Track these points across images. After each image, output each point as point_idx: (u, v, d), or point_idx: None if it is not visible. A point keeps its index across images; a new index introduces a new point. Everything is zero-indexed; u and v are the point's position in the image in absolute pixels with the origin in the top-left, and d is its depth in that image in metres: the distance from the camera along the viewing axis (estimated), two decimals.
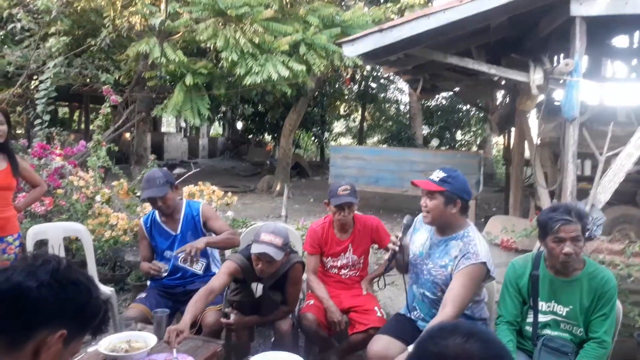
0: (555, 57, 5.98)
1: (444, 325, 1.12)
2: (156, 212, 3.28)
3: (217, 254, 3.45)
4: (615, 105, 6.28)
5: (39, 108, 6.57)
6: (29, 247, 3.63)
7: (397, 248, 2.52)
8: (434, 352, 1.05)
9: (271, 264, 2.76)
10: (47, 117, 6.47)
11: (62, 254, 3.86)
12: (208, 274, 3.28)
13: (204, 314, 2.94)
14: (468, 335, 1.05)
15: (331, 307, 3.11)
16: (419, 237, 2.69)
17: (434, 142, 17.66)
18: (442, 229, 2.56)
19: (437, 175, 2.49)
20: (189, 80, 8.30)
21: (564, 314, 2.41)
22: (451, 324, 1.13)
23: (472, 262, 2.39)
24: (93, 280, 1.27)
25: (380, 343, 2.62)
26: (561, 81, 4.33)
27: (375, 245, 3.45)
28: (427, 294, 2.60)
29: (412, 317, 2.74)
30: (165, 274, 3.12)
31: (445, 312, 2.36)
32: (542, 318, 2.46)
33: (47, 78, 6.83)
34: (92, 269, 3.83)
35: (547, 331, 2.44)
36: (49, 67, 7.02)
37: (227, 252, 3.67)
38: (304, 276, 3.22)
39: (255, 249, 2.71)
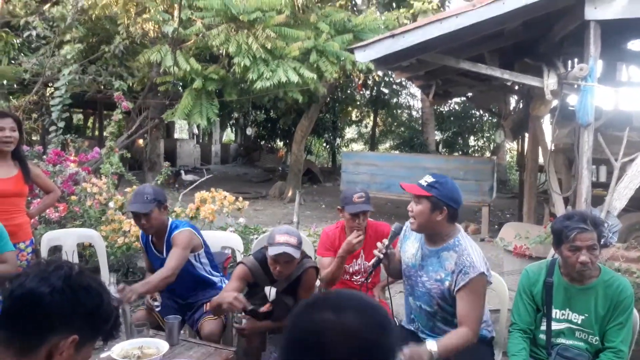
0: (570, 62, 5.94)
1: (316, 298, 1.01)
2: None
3: (208, 264, 3.27)
4: (631, 110, 6.22)
5: (54, 115, 6.65)
6: (43, 253, 3.66)
7: (381, 255, 2.47)
8: (307, 329, 0.95)
9: (289, 265, 2.73)
10: (61, 124, 6.54)
11: (76, 260, 3.89)
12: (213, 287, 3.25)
13: (202, 324, 2.95)
14: (340, 307, 0.95)
15: (344, 246, 2.96)
16: (410, 246, 2.61)
17: (441, 148, 17.58)
18: (432, 238, 2.47)
19: (426, 180, 2.41)
20: (197, 84, 8.36)
21: (579, 322, 2.37)
22: (322, 296, 1.02)
23: (470, 276, 2.30)
24: (105, 286, 1.28)
25: None
26: (575, 86, 4.30)
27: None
28: (424, 307, 2.53)
29: (413, 329, 2.68)
30: (159, 308, 3.01)
31: (463, 331, 2.29)
32: (556, 326, 2.42)
33: (62, 85, 6.92)
34: (105, 275, 3.85)
35: (562, 340, 2.40)
36: (64, 75, 7.11)
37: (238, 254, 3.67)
38: (317, 282, 3.20)
39: (273, 251, 2.69)
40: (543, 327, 2.46)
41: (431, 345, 2.18)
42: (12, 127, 3.10)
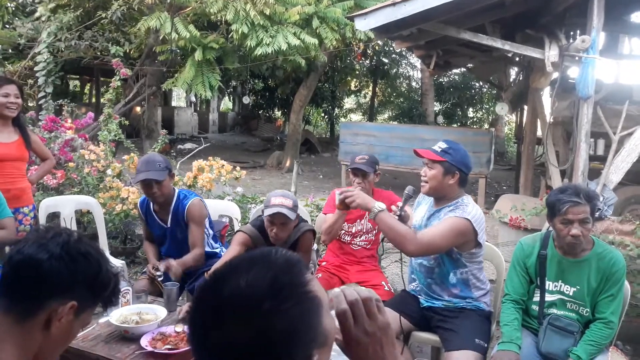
0: (572, 33, 5.87)
1: (208, 281, 0.89)
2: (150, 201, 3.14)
3: (211, 234, 3.33)
4: (631, 83, 6.18)
5: (40, 80, 6.57)
6: (42, 219, 3.68)
7: (396, 217, 2.51)
8: (212, 302, 0.85)
9: (285, 227, 2.77)
10: (49, 90, 6.46)
11: (74, 226, 3.92)
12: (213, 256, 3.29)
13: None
14: (224, 306, 0.83)
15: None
16: (420, 210, 2.74)
17: (439, 119, 17.40)
18: (439, 200, 2.59)
19: (439, 145, 2.52)
20: (198, 55, 8.25)
21: (570, 293, 2.41)
22: (213, 278, 0.89)
23: (455, 215, 2.42)
24: (103, 253, 1.28)
25: None
26: (577, 58, 4.25)
27: None
28: (424, 262, 2.64)
29: (412, 289, 2.78)
30: (160, 279, 2.99)
31: (412, 231, 2.41)
32: (548, 297, 2.46)
33: (43, 50, 6.80)
34: (103, 242, 3.88)
35: (554, 310, 2.44)
36: (43, 39, 6.98)
37: (235, 225, 3.70)
38: (315, 246, 3.23)
39: (268, 211, 2.73)
40: (536, 298, 2.51)
41: (380, 205, 2.34)
42: (17, 93, 3.17)
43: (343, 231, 3.36)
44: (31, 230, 1.33)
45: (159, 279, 3.01)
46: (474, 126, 19.24)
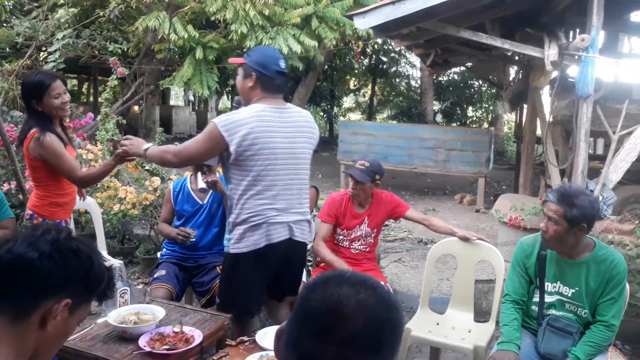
0: (571, 32, 5.86)
1: (331, 275, 1.02)
2: (187, 180, 3.35)
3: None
4: (631, 82, 6.16)
5: None
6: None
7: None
8: (327, 299, 0.97)
9: None
10: None
11: (72, 226, 3.89)
12: (217, 248, 3.32)
13: (218, 284, 2.99)
14: (355, 284, 0.98)
15: (342, 266, 3.18)
16: None
17: (438, 118, 17.34)
18: None
19: (248, 53, 2.58)
20: (199, 53, 8.23)
21: (569, 294, 2.40)
22: (337, 274, 1.03)
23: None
24: (95, 247, 1.26)
25: None
26: (576, 57, 4.24)
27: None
28: None
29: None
30: (194, 240, 3.14)
31: (172, 150, 2.48)
32: (547, 298, 2.45)
33: (56, 50, 6.78)
34: (101, 242, 3.87)
35: (553, 311, 2.44)
36: (58, 39, 6.96)
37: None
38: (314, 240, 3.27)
39: None
40: (535, 299, 2.50)
41: (146, 145, 2.43)
42: (65, 89, 2.77)
43: (341, 237, 3.36)
44: (20, 229, 1.31)
45: (192, 239, 3.13)
46: (474, 125, 19.23)
